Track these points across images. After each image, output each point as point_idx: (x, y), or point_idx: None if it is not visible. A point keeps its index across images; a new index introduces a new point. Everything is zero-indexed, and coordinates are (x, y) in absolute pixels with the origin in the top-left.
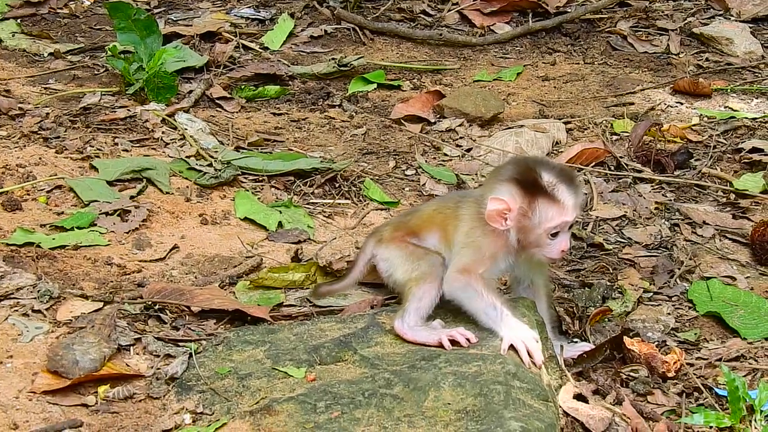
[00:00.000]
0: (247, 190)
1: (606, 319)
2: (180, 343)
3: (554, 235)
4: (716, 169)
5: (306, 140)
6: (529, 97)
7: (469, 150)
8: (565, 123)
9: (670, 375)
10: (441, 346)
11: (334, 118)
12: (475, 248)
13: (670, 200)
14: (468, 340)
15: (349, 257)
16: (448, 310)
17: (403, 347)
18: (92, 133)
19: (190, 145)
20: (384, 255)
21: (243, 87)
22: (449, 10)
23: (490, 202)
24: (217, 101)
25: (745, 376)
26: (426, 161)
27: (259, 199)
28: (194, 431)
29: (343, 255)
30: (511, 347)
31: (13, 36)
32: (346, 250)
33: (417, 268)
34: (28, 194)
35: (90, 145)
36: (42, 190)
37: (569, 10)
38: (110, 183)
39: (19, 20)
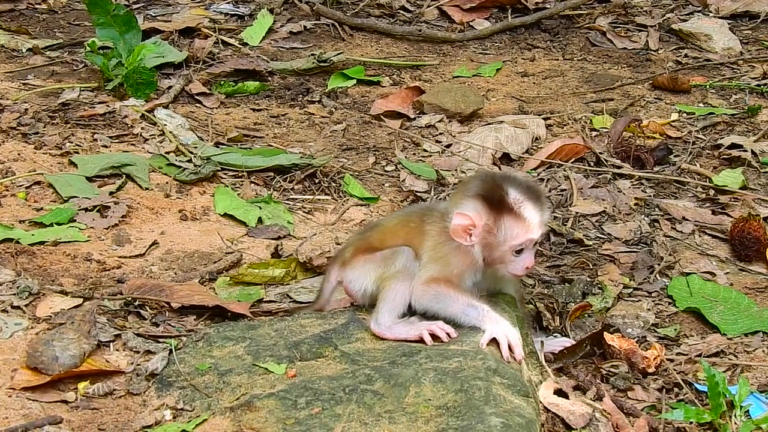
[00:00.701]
0: (227, 186)
1: (586, 315)
2: (160, 340)
3: (519, 251)
4: (695, 165)
5: (285, 136)
6: (508, 93)
7: (448, 146)
8: (545, 119)
9: (650, 371)
10: (421, 340)
11: (313, 114)
12: (443, 264)
13: (650, 196)
14: (448, 334)
15: (329, 253)
16: None
17: (384, 343)
18: (71, 129)
19: (170, 141)
20: (352, 276)
21: (222, 83)
22: (428, 6)
23: (455, 217)
24: (196, 97)
25: (725, 371)
26: (406, 157)
27: (238, 194)
28: (174, 427)
29: (323, 251)
30: (493, 341)
31: None
32: (326, 246)
33: (388, 269)
34: (7, 190)
35: (69, 141)
36: (21, 186)
37: (548, 7)
38: (89, 179)
39: None
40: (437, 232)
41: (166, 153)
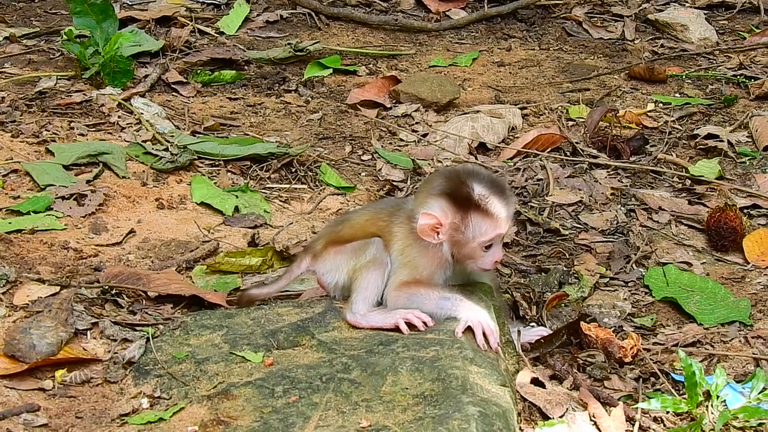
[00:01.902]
0: (204, 175)
1: (562, 305)
2: (137, 328)
3: (488, 247)
4: (672, 155)
5: (262, 125)
6: (484, 83)
7: (425, 135)
8: (521, 108)
9: (626, 360)
10: (397, 329)
11: (290, 103)
12: (412, 267)
13: (626, 186)
14: (425, 323)
15: (306, 242)
16: None
17: (361, 332)
18: (48, 118)
19: (146, 130)
20: (323, 268)
21: (199, 72)
22: None
23: (421, 217)
24: (173, 86)
25: (701, 361)
26: (382, 146)
27: (215, 183)
28: (152, 415)
29: (299, 239)
30: (468, 329)
31: None
32: (303, 235)
33: (359, 260)
34: None
35: (46, 130)
36: None
37: None
38: (66, 167)
39: None
40: (404, 235)
41: (142, 142)
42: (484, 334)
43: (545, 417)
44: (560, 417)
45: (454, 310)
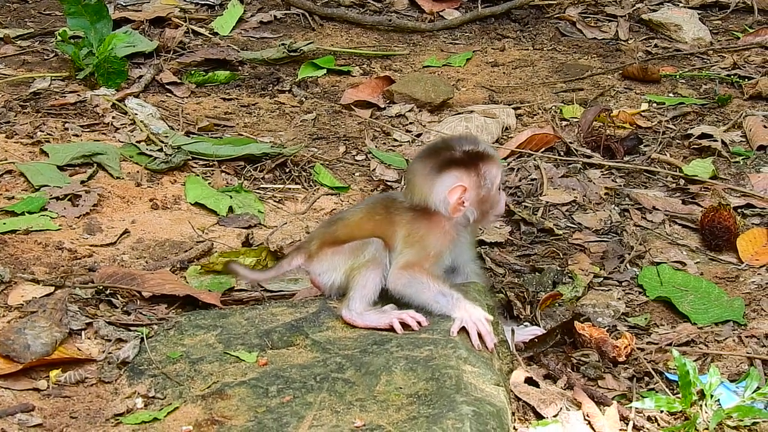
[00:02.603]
0: (198, 175)
1: (556, 304)
2: (131, 328)
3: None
4: (666, 154)
5: (256, 125)
6: (478, 83)
7: (419, 135)
8: (515, 108)
9: (620, 360)
10: (392, 329)
11: (284, 104)
12: (419, 247)
13: (620, 186)
14: (419, 323)
15: (300, 242)
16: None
17: (355, 332)
18: (42, 118)
19: (141, 130)
20: (320, 269)
21: (193, 72)
22: None
23: (448, 195)
24: (167, 86)
25: (695, 360)
26: (376, 146)
27: (209, 184)
28: (146, 415)
29: (293, 240)
30: (463, 330)
31: None
32: (297, 235)
33: (358, 259)
34: None
35: (40, 130)
36: None
37: None
38: (61, 168)
39: None
40: (408, 220)
41: (137, 142)
42: (479, 335)
43: (539, 416)
44: (554, 416)
45: (450, 307)
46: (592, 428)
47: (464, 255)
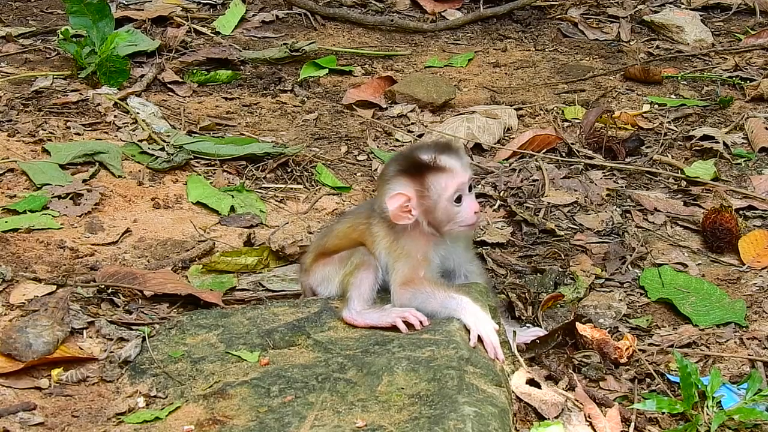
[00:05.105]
0: (200, 175)
1: (558, 305)
2: (133, 327)
3: (458, 201)
4: (667, 156)
5: (258, 125)
6: (480, 84)
7: (420, 136)
8: (517, 109)
9: (622, 361)
10: (393, 328)
11: (285, 103)
12: (406, 257)
13: (622, 187)
14: (421, 322)
15: (302, 242)
16: None
17: (356, 332)
18: (44, 117)
19: (143, 129)
20: (315, 282)
21: (195, 71)
22: None
23: (388, 202)
24: (168, 85)
25: (696, 362)
26: (378, 147)
27: (211, 183)
28: (148, 414)
29: (295, 239)
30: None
31: None
32: (298, 235)
33: (348, 267)
34: None
35: (42, 129)
36: None
37: None
38: (63, 166)
39: None
40: (385, 232)
41: (138, 141)
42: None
43: (541, 417)
44: (556, 418)
45: (460, 313)
46: (594, 429)
47: (457, 257)
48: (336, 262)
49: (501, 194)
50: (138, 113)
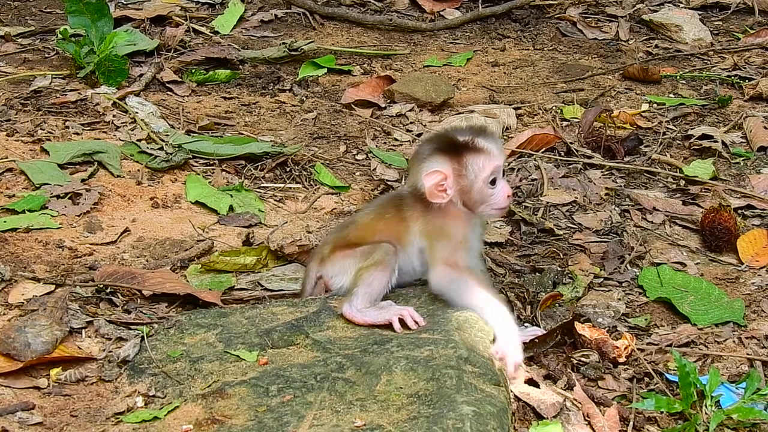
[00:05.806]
0: (198, 174)
1: (557, 305)
2: (132, 327)
3: (493, 183)
4: (666, 155)
5: (257, 124)
6: (479, 83)
7: (419, 135)
8: (515, 108)
9: (621, 360)
10: (389, 325)
11: (284, 103)
12: (446, 237)
13: (621, 186)
14: (417, 323)
15: (301, 241)
16: (399, 294)
17: (355, 331)
18: (43, 116)
19: (141, 129)
20: (332, 272)
21: (193, 71)
22: None
23: (424, 179)
24: (167, 85)
25: (695, 361)
26: (376, 146)
27: (210, 182)
28: (146, 414)
29: (294, 239)
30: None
31: None
32: (297, 234)
33: (368, 261)
34: None
35: (41, 128)
36: None
37: None
38: (61, 166)
39: None
40: (418, 214)
41: (137, 141)
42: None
43: (539, 417)
44: (554, 417)
45: (494, 319)
46: (592, 429)
47: (476, 247)
48: (357, 255)
49: None
50: (137, 113)
